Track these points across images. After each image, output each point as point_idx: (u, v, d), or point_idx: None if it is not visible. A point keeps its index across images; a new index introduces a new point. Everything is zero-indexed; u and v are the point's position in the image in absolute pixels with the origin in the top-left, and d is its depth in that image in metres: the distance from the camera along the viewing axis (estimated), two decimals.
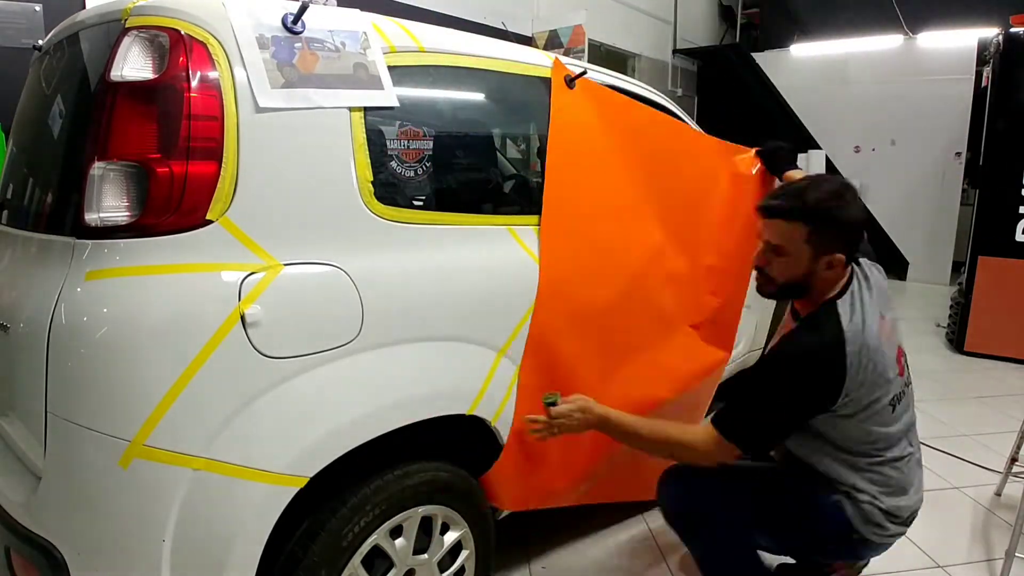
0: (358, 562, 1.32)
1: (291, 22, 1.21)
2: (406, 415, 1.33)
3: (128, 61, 1.10)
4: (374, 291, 1.27)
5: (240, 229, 1.14)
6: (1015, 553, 1.89)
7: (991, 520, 2.32)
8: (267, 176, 1.17)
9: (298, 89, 1.20)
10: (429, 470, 1.42)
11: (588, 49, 5.43)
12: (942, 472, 2.68)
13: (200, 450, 1.08)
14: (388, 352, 1.30)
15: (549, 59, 1.72)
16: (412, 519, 1.41)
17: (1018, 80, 4.20)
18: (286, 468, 1.15)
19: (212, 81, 1.12)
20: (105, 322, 1.05)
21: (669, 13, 7.85)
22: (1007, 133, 4.24)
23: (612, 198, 1.77)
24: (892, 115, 6.90)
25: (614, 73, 2.10)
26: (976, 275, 4.34)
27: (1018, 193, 4.20)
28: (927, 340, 4.84)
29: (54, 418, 1.08)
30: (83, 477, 1.08)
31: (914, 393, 1.60)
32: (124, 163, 1.09)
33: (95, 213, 1.08)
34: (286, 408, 1.16)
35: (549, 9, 5.80)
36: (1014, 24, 4.21)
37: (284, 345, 1.15)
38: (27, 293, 1.18)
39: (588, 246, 1.69)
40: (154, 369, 1.05)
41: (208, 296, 1.09)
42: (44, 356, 1.08)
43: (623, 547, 2.08)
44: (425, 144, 1.44)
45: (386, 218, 1.32)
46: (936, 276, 6.90)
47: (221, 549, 1.11)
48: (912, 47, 6.96)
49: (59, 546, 1.09)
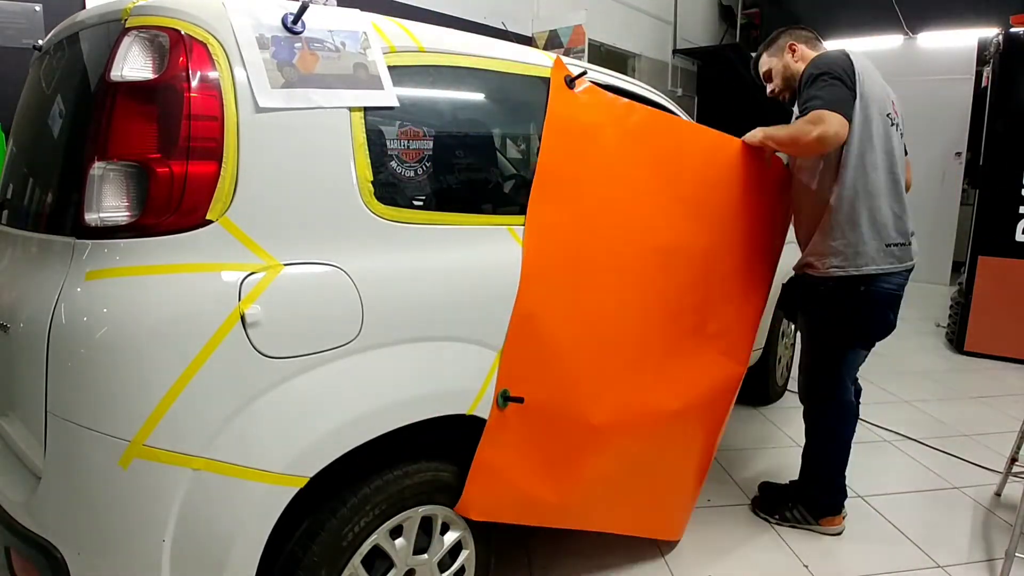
0: (358, 562, 1.32)
1: (291, 22, 1.21)
2: (406, 415, 1.33)
3: (128, 61, 1.10)
4: (374, 291, 1.27)
5: (240, 229, 1.14)
6: (1015, 553, 1.89)
7: (991, 520, 2.32)
8: (267, 176, 1.17)
9: (298, 89, 1.20)
10: (429, 470, 1.42)
11: (588, 49, 5.43)
12: (942, 472, 2.68)
13: (200, 450, 1.08)
14: (388, 352, 1.30)
15: (549, 59, 1.72)
16: (412, 519, 1.41)
17: (1018, 80, 4.20)
18: (286, 468, 1.15)
19: (212, 81, 1.12)
20: (105, 322, 1.05)
21: (669, 13, 7.85)
22: (1007, 133, 4.24)
23: (608, 198, 1.75)
24: None
25: (614, 73, 2.10)
26: (976, 275, 4.34)
27: (1018, 193, 4.21)
28: (927, 340, 4.84)
29: (54, 418, 1.08)
30: (83, 477, 1.08)
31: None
32: (124, 163, 1.09)
33: (95, 213, 1.08)
34: (286, 408, 1.16)
35: (549, 9, 5.80)
36: (1014, 24, 4.22)
37: (284, 345, 1.16)
38: (27, 293, 1.18)
39: (577, 242, 1.64)
40: (154, 369, 1.05)
41: (208, 296, 1.09)
42: (44, 356, 1.08)
43: (625, 549, 2.08)
44: (425, 144, 1.44)
45: (386, 218, 1.32)
46: (936, 276, 6.90)
47: (221, 549, 1.12)
48: (912, 47, 6.96)
49: (59, 546, 1.09)
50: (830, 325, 2.06)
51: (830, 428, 2.16)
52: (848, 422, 2.16)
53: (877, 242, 1.94)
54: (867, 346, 2.13)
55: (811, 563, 2.02)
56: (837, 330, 2.05)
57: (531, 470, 1.61)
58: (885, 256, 1.95)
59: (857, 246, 1.94)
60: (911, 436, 3.02)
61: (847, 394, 2.13)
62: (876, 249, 1.94)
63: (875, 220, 1.94)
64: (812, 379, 2.17)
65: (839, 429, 2.15)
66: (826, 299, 2.03)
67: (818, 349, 2.13)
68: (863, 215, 1.94)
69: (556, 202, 1.61)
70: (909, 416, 3.31)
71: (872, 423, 3.17)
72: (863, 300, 1.98)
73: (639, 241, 1.81)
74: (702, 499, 2.33)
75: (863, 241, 1.94)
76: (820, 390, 2.15)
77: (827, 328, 2.08)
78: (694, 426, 2.06)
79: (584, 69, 1.76)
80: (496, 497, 1.54)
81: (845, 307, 2.00)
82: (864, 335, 2.08)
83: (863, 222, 1.94)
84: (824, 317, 2.08)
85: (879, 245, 1.94)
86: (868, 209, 1.94)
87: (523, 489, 1.60)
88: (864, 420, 3.20)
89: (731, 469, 2.62)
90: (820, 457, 2.19)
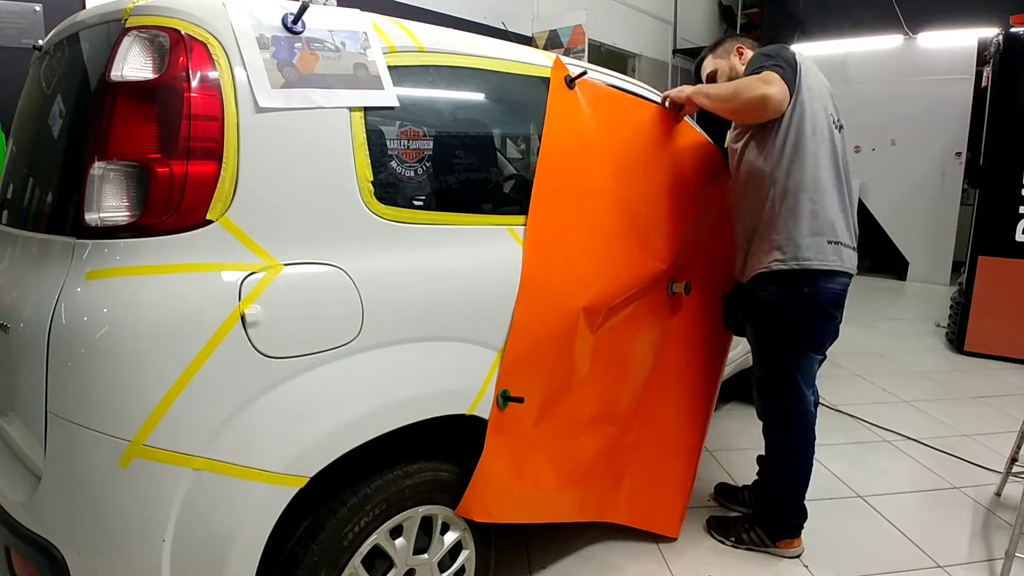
0: (358, 562, 1.32)
1: (291, 22, 1.21)
2: (406, 415, 1.33)
3: (128, 61, 1.10)
4: (374, 291, 1.27)
5: (240, 229, 1.14)
6: (1015, 553, 1.89)
7: (991, 520, 2.32)
8: (267, 176, 1.17)
9: (298, 89, 1.20)
10: (429, 470, 1.42)
11: (588, 49, 5.44)
12: (942, 472, 2.68)
13: (200, 450, 1.08)
14: (388, 352, 1.30)
15: (550, 59, 1.72)
16: (412, 519, 1.41)
17: (1018, 80, 4.20)
18: (286, 468, 1.15)
19: (212, 81, 1.12)
20: (105, 322, 1.05)
21: (669, 13, 7.85)
22: (1007, 133, 4.24)
23: (607, 199, 1.76)
24: (892, 115, 6.90)
25: (614, 73, 2.10)
26: (976, 275, 4.34)
27: (1018, 193, 4.21)
28: (927, 340, 4.84)
29: (54, 418, 1.08)
30: (83, 477, 1.08)
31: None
32: (124, 163, 1.09)
33: (95, 213, 1.08)
34: (286, 408, 1.16)
35: (549, 9, 5.80)
36: (1014, 24, 4.22)
37: (284, 345, 1.16)
38: (27, 293, 1.18)
39: (576, 245, 1.65)
40: (154, 369, 1.05)
41: (208, 296, 1.09)
42: (44, 356, 1.08)
43: (625, 550, 2.08)
44: (425, 144, 1.44)
45: (386, 218, 1.32)
46: (936, 276, 6.90)
47: (221, 549, 1.12)
48: (912, 47, 6.96)
49: (59, 546, 1.09)
50: (778, 332, 1.94)
51: (794, 445, 2.02)
52: (809, 436, 2.02)
53: (819, 238, 1.82)
54: (819, 351, 1.99)
55: (811, 563, 2.02)
56: (786, 337, 1.92)
57: (532, 469, 1.62)
58: (828, 253, 1.83)
59: (799, 239, 1.82)
60: (911, 436, 3.02)
61: (806, 404, 1.99)
62: (819, 245, 1.82)
63: (818, 215, 1.83)
64: (767, 393, 2.04)
65: (802, 445, 2.02)
66: (771, 306, 1.90)
67: (769, 360, 2.00)
68: (806, 208, 1.82)
69: (557, 202, 1.62)
70: (909, 416, 3.31)
71: (872, 423, 3.17)
72: (808, 302, 1.85)
73: (636, 245, 1.83)
74: (702, 499, 2.33)
75: (804, 235, 1.82)
76: (777, 404, 2.02)
77: (775, 336, 1.95)
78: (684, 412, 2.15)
79: (584, 69, 1.76)
80: (497, 498, 1.54)
81: (791, 311, 1.88)
82: (813, 340, 1.95)
83: (805, 215, 1.82)
84: (771, 324, 1.95)
85: (822, 241, 1.83)
86: (811, 203, 1.83)
87: (524, 488, 1.61)
88: (864, 420, 3.21)
89: (731, 469, 2.62)
90: (784, 477, 2.05)
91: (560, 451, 1.70)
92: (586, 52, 5.37)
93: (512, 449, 1.55)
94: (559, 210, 1.62)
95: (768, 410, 2.06)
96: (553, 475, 1.69)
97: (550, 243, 1.58)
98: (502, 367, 1.48)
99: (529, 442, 1.59)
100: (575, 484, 1.78)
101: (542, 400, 1.59)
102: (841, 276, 1.87)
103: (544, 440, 1.64)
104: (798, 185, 1.83)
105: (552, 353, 1.60)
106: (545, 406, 1.61)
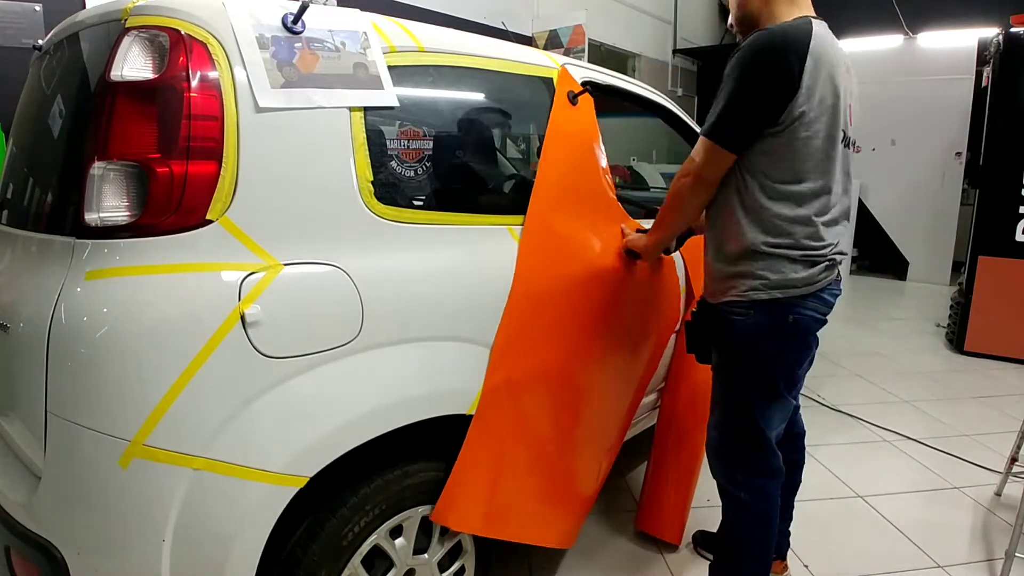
0: (358, 562, 1.32)
1: (291, 22, 1.21)
2: (406, 415, 1.33)
3: (128, 61, 1.10)
4: (374, 291, 1.27)
5: (240, 229, 1.14)
6: (1015, 553, 1.90)
7: (991, 520, 2.32)
8: (267, 176, 1.17)
9: (298, 89, 1.20)
10: (429, 470, 1.42)
11: (588, 49, 5.44)
12: (942, 472, 2.68)
13: (200, 450, 1.08)
14: (388, 352, 1.30)
15: (550, 59, 1.72)
16: (412, 519, 1.41)
17: (1018, 80, 4.20)
18: (286, 468, 1.15)
19: (212, 81, 1.12)
20: (105, 322, 1.05)
21: (669, 13, 7.85)
22: (1007, 133, 4.24)
23: (604, 214, 1.76)
24: (892, 115, 6.90)
25: (614, 73, 2.10)
26: (976, 275, 4.34)
27: (1018, 193, 4.21)
28: (927, 340, 4.84)
29: (54, 418, 1.08)
30: (83, 477, 1.08)
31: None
32: (124, 163, 1.09)
33: (95, 213, 1.08)
34: (286, 408, 1.16)
35: (549, 9, 5.80)
36: (1014, 24, 4.22)
37: (284, 345, 1.15)
38: (27, 293, 1.18)
39: (571, 255, 1.64)
40: (154, 369, 1.05)
41: (208, 296, 1.09)
42: (44, 356, 1.08)
43: (625, 550, 2.08)
44: (425, 144, 1.44)
45: (386, 218, 1.32)
46: (936, 276, 6.91)
47: (221, 549, 1.12)
48: (912, 47, 6.96)
49: (59, 546, 1.09)
50: (754, 367, 1.54)
51: (757, 515, 1.59)
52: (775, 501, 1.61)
53: (808, 263, 1.47)
54: (792, 389, 1.60)
55: (811, 563, 2.02)
56: (761, 373, 1.53)
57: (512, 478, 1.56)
58: (818, 274, 1.48)
59: (783, 265, 1.46)
60: (911, 436, 3.02)
61: (776, 459, 1.61)
62: (807, 269, 1.47)
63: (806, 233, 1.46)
64: (729, 445, 1.61)
65: (767, 513, 1.60)
66: (748, 334, 1.51)
67: (735, 400, 1.58)
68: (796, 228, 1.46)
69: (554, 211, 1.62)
70: (909, 416, 3.31)
71: (872, 423, 3.17)
72: (791, 333, 1.50)
73: None
74: (702, 499, 2.33)
75: (792, 259, 1.46)
76: (739, 459, 1.60)
77: (748, 372, 1.55)
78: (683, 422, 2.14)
79: (589, 85, 1.75)
80: (472, 507, 1.47)
81: (771, 342, 1.51)
82: (792, 377, 1.59)
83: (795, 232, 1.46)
84: (744, 356, 1.55)
85: (810, 263, 1.47)
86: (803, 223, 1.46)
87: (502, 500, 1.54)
88: (864, 420, 3.21)
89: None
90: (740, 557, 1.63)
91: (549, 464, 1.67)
92: (586, 52, 5.37)
93: (494, 454, 1.50)
94: (556, 222, 1.62)
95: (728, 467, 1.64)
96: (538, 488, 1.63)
97: (546, 251, 1.59)
98: (490, 362, 1.45)
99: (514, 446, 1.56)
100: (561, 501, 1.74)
101: (529, 404, 1.58)
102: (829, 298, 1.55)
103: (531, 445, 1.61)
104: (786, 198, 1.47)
105: (542, 353, 1.60)
106: (532, 411, 1.59)
